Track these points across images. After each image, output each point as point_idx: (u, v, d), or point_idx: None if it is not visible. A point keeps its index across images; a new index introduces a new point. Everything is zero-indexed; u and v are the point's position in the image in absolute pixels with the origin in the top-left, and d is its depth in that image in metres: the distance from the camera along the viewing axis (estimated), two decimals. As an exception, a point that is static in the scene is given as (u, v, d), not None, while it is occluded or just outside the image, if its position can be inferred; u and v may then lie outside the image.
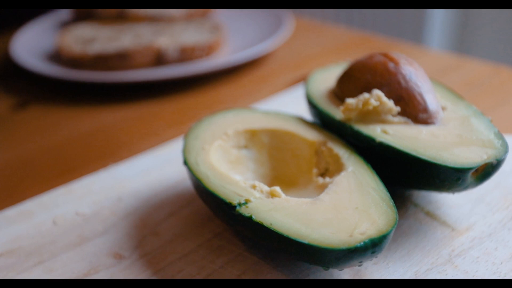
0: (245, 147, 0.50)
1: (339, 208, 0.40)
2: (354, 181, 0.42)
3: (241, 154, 0.50)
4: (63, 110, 0.75)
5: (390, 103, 0.46)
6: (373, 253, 0.37)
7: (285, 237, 0.37)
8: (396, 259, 0.43)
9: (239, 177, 0.47)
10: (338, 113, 0.49)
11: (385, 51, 0.51)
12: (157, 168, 0.57)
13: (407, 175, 0.44)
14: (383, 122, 0.46)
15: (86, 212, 0.50)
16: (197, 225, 0.48)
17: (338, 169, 0.45)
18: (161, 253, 0.45)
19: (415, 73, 0.48)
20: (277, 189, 0.42)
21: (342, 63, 0.59)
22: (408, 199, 0.49)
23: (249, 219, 0.39)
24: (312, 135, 0.49)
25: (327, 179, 0.45)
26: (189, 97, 0.77)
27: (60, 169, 0.61)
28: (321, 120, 0.51)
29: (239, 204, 0.40)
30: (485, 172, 0.42)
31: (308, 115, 0.57)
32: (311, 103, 0.52)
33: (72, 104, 0.76)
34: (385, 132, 0.45)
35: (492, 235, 0.44)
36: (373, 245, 0.36)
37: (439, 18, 1.37)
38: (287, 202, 0.41)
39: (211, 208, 0.45)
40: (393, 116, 0.46)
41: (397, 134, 0.45)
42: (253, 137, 0.50)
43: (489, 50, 1.37)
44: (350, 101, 0.47)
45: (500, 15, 1.31)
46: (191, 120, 0.69)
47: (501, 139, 0.43)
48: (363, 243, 0.36)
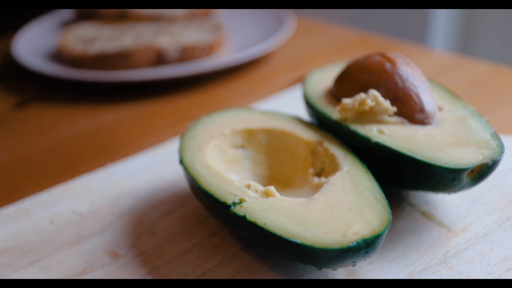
0: (242, 147, 0.50)
1: (333, 208, 0.40)
2: (349, 181, 0.42)
3: (238, 153, 0.50)
4: (64, 109, 0.75)
5: (386, 103, 0.46)
6: (366, 253, 0.37)
7: (278, 237, 0.37)
8: (391, 259, 0.43)
9: (235, 177, 0.47)
10: (334, 113, 0.48)
11: (386, 51, 0.51)
12: (155, 167, 0.57)
13: (402, 175, 0.44)
14: (380, 122, 0.46)
15: (83, 210, 0.51)
16: (193, 224, 0.48)
17: (333, 169, 0.45)
18: (156, 252, 0.45)
19: (412, 73, 0.48)
20: (271, 188, 0.42)
21: (340, 63, 0.59)
22: (404, 199, 0.49)
23: (243, 218, 0.39)
24: (308, 135, 0.49)
25: (323, 179, 0.45)
26: (189, 97, 0.77)
27: (60, 168, 0.61)
28: (318, 120, 0.51)
29: (234, 203, 0.40)
30: (480, 172, 0.42)
31: (306, 115, 0.57)
32: (308, 103, 0.52)
33: (72, 103, 0.77)
34: (381, 132, 0.45)
35: (487, 236, 0.44)
36: (366, 245, 0.36)
37: (443, 18, 1.36)
38: (282, 201, 0.41)
39: (206, 207, 0.45)
40: (390, 116, 0.46)
41: (393, 134, 0.45)
42: (250, 136, 0.50)
43: (493, 50, 1.36)
44: (346, 101, 0.47)
45: (505, 15, 1.31)
46: (191, 119, 0.69)
47: (497, 140, 0.43)
48: (356, 243, 0.36)
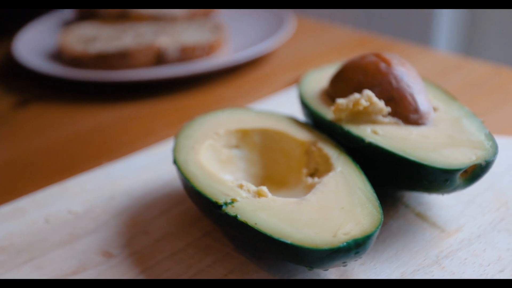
0: (236, 147, 0.50)
1: (325, 208, 0.39)
2: (341, 182, 0.42)
3: (232, 153, 0.50)
4: (64, 108, 0.75)
5: (380, 104, 0.46)
6: (356, 253, 0.37)
7: (268, 237, 0.37)
8: (383, 260, 0.42)
9: (229, 177, 0.47)
10: (329, 113, 0.48)
11: (386, 51, 0.51)
12: (151, 167, 0.57)
13: (396, 175, 0.44)
14: (374, 122, 0.46)
15: (78, 210, 0.51)
16: (187, 224, 0.48)
17: (327, 169, 0.45)
18: (149, 251, 0.45)
19: (407, 74, 0.48)
20: (263, 188, 0.42)
21: (336, 63, 0.59)
22: (399, 199, 0.49)
23: (235, 218, 0.39)
24: (303, 135, 0.49)
25: (316, 179, 0.45)
26: (189, 97, 0.77)
27: (59, 167, 0.61)
28: (313, 120, 0.51)
29: (225, 203, 0.40)
30: (474, 173, 0.42)
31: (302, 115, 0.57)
32: (303, 103, 0.52)
33: (72, 103, 0.77)
34: (375, 132, 0.45)
35: (481, 237, 0.44)
36: (356, 246, 0.36)
37: (446, 18, 1.36)
38: (274, 202, 0.41)
39: (199, 207, 0.45)
40: (384, 116, 0.46)
41: (387, 134, 0.44)
42: (244, 136, 0.50)
43: (497, 51, 1.36)
44: (340, 101, 0.47)
45: (508, 15, 1.30)
46: (190, 119, 0.69)
47: (491, 141, 0.43)
48: (346, 243, 0.36)
